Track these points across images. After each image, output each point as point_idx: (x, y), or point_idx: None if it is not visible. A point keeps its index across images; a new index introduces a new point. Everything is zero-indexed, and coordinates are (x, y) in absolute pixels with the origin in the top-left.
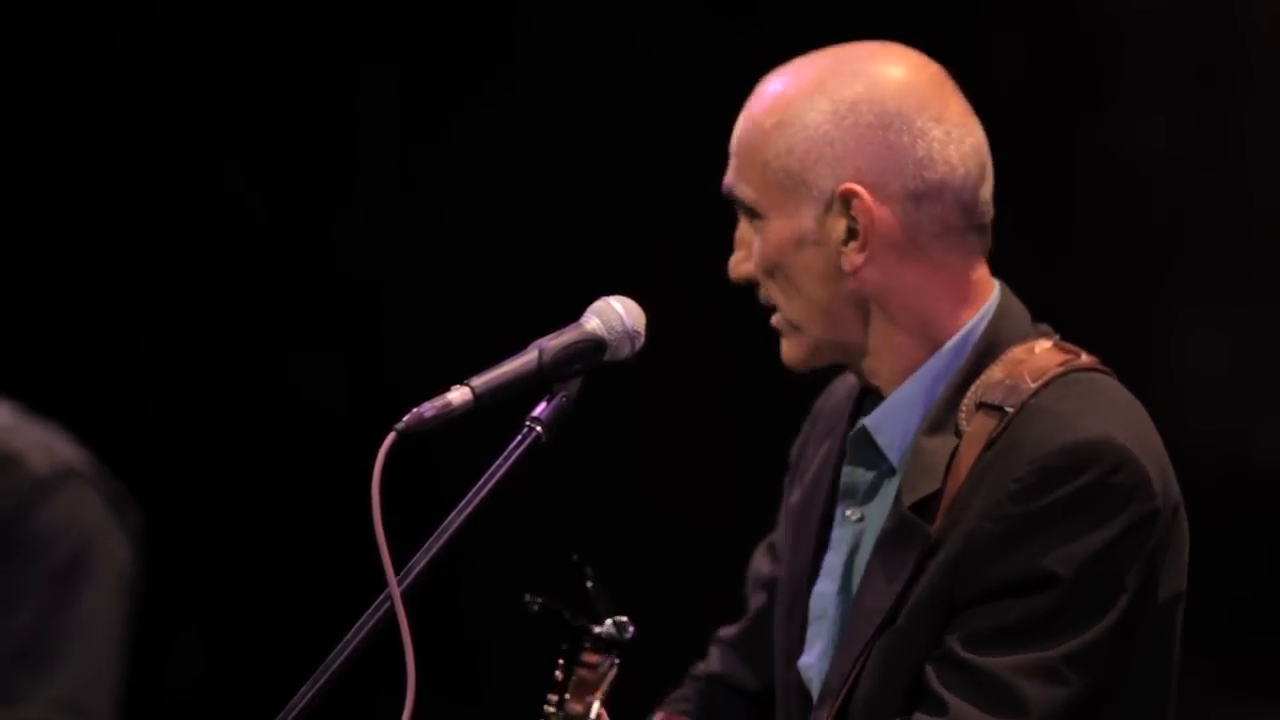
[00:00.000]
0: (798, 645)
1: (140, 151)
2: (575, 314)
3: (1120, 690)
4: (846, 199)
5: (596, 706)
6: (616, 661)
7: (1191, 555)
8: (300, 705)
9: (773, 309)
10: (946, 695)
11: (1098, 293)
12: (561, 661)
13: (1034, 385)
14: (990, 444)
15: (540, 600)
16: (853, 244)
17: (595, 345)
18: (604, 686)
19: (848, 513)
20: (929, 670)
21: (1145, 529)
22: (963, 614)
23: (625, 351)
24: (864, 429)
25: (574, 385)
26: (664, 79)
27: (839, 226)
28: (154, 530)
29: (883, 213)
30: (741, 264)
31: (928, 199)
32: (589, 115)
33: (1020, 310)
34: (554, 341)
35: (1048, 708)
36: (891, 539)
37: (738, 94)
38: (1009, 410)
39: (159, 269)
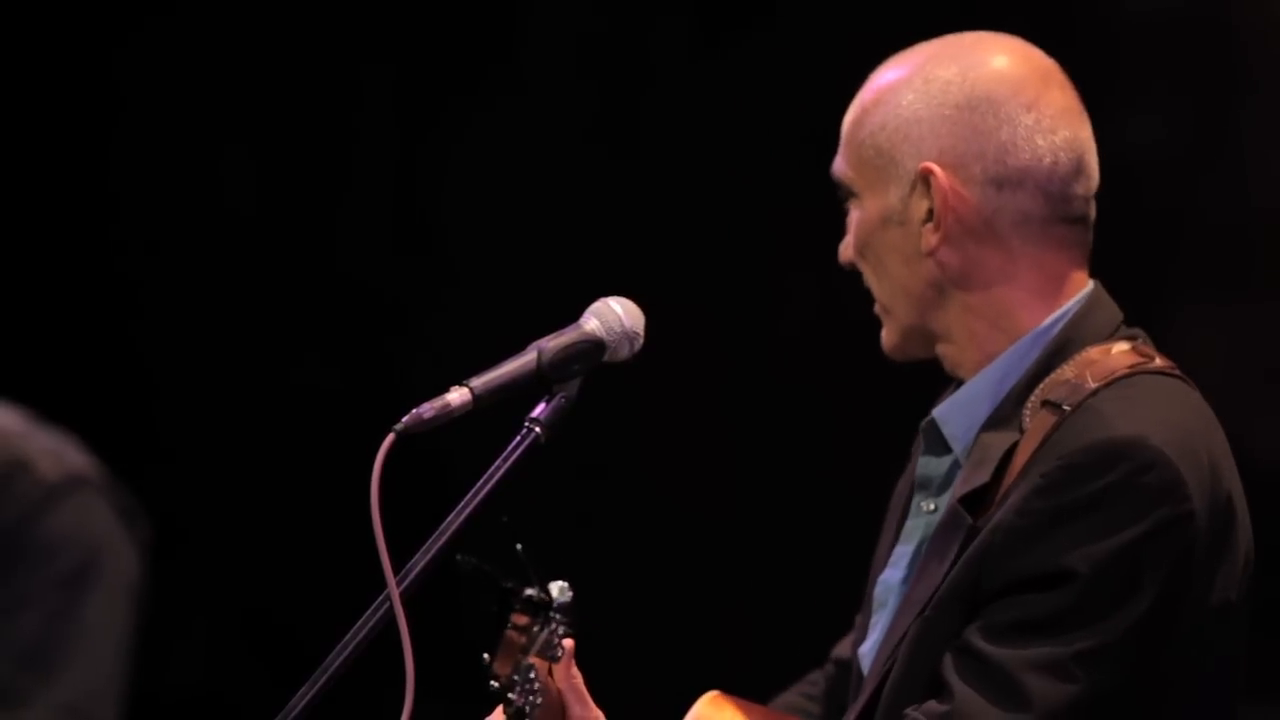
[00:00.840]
0: (863, 633)
1: (141, 154)
2: (574, 315)
3: (1142, 695)
4: (927, 178)
5: (533, 669)
6: (554, 624)
7: None
8: (300, 705)
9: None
10: (955, 683)
11: None
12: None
13: (1095, 385)
14: (1044, 442)
15: (473, 561)
16: (929, 225)
17: (594, 346)
18: (535, 649)
19: (922, 504)
20: (946, 657)
21: (1175, 532)
22: (985, 606)
23: (624, 352)
24: (933, 419)
25: (573, 386)
26: (663, 80)
27: (921, 206)
28: (156, 532)
29: (961, 195)
30: (845, 249)
31: (1009, 185)
32: (589, 115)
33: (1109, 312)
34: (553, 342)
35: (1051, 704)
36: (942, 530)
37: (737, 94)
38: (1067, 409)
39: (161, 271)
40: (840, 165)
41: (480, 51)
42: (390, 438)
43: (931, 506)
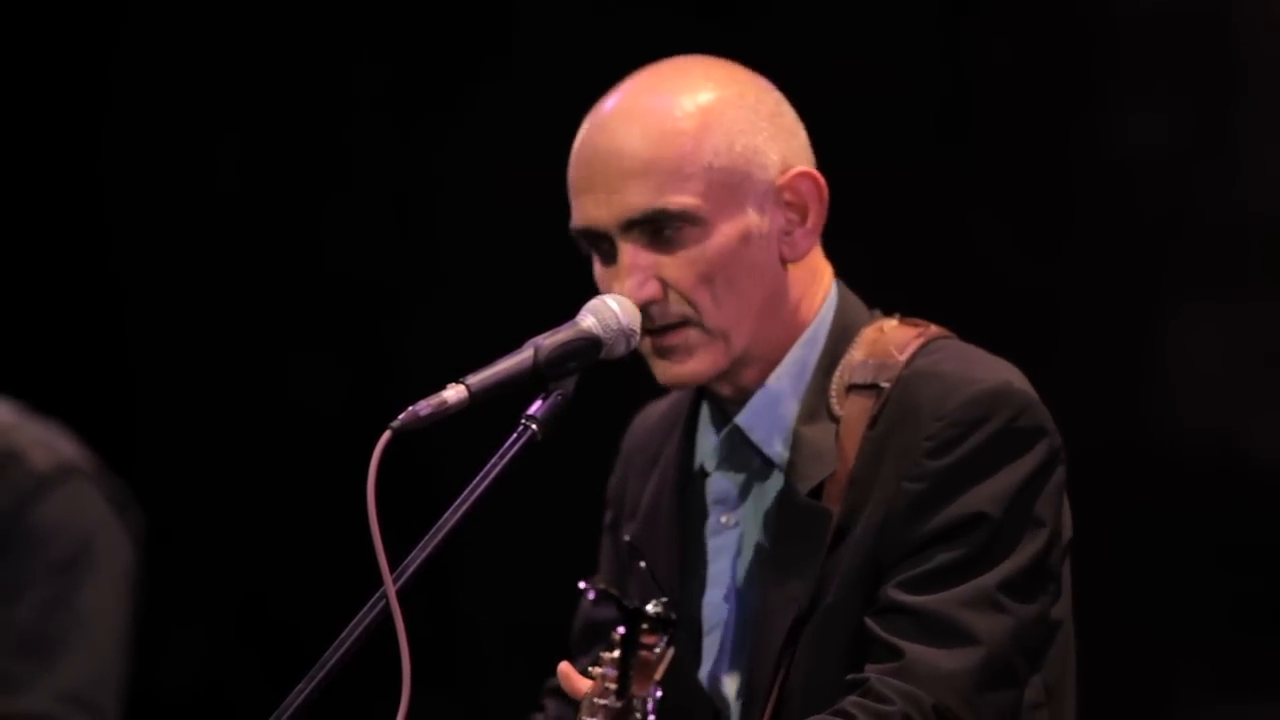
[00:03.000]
0: (693, 662)
1: (134, 150)
2: (570, 312)
3: (1054, 615)
4: (793, 184)
5: (660, 689)
6: (673, 641)
7: (1188, 553)
8: (297, 702)
9: (678, 325)
10: (898, 641)
11: (1094, 290)
12: (619, 647)
13: (902, 358)
14: (874, 421)
15: (596, 586)
16: (799, 230)
17: (591, 343)
18: (662, 666)
19: (723, 519)
20: (872, 624)
21: (1054, 463)
22: (895, 568)
23: (620, 350)
24: (736, 429)
25: (569, 383)
26: None
27: (778, 216)
28: (151, 528)
29: (818, 194)
30: (643, 287)
31: (819, 179)
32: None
33: (855, 295)
34: (549, 340)
35: (996, 634)
36: (792, 531)
37: None
38: (885, 385)
39: (155, 268)
40: (676, 198)
41: (475, 45)
42: (387, 435)
43: (733, 521)
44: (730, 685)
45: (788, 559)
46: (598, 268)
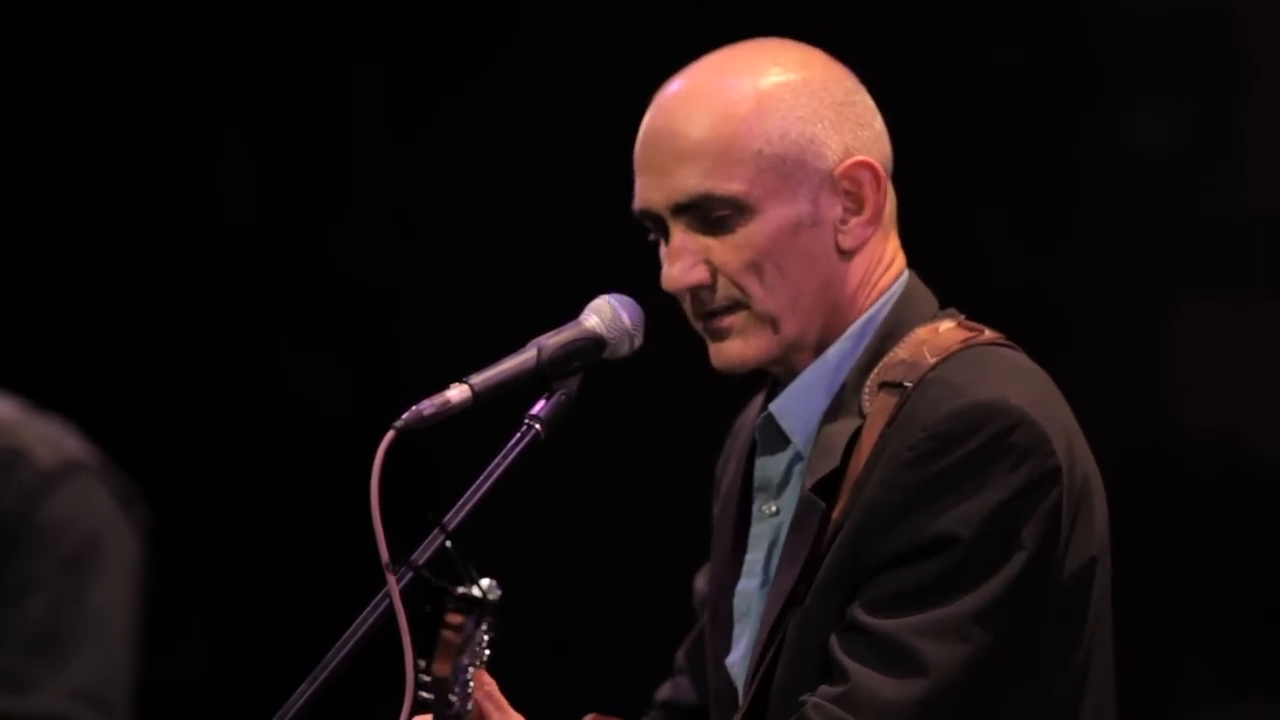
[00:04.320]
0: (724, 646)
1: (136, 153)
2: (574, 312)
3: (1024, 648)
4: (851, 173)
5: (469, 670)
6: (486, 624)
7: (1190, 551)
8: (300, 701)
9: (728, 309)
10: (847, 662)
11: (1097, 289)
12: (431, 626)
13: (933, 360)
14: (890, 421)
15: (406, 564)
16: (855, 220)
17: (594, 343)
18: (471, 648)
19: (764, 507)
20: (833, 641)
21: (1044, 488)
22: (865, 583)
23: (624, 349)
24: (769, 415)
25: (573, 383)
26: (664, 74)
27: (835, 205)
28: (156, 527)
29: (877, 184)
30: (690, 271)
31: (887, 172)
32: (589, 110)
33: (927, 293)
34: (553, 339)
35: (946, 666)
36: (797, 523)
37: None
38: (908, 385)
39: (157, 270)
40: (723, 183)
41: (477, 44)
42: (390, 434)
43: (774, 509)
44: (742, 674)
45: (788, 552)
46: (662, 248)
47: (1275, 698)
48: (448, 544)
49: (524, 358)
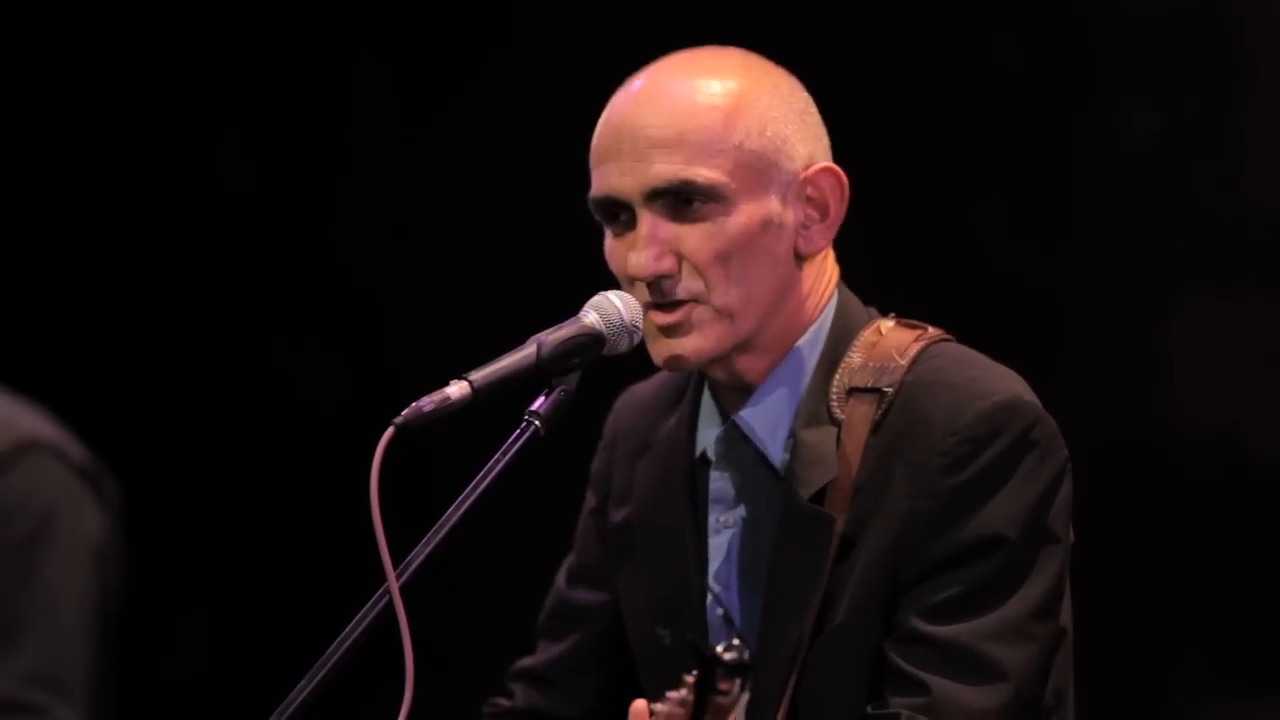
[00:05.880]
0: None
1: (138, 147)
2: (574, 308)
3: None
4: (817, 180)
5: None
6: (747, 685)
7: (1190, 550)
8: (300, 698)
9: (686, 301)
10: (922, 675)
11: (1098, 287)
12: (693, 691)
13: (904, 362)
14: (876, 427)
15: (671, 633)
16: (816, 226)
17: (593, 339)
18: (736, 710)
19: (720, 519)
20: (893, 655)
21: (1063, 478)
22: (913, 591)
23: (623, 346)
24: (735, 425)
25: (572, 379)
26: None
27: (797, 209)
28: (155, 525)
29: (840, 193)
30: (661, 259)
31: (843, 177)
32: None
33: (854, 296)
34: (552, 336)
35: (1022, 669)
36: (794, 539)
37: None
38: (887, 390)
39: (158, 264)
40: (704, 171)
41: (477, 44)
42: (389, 431)
43: (730, 521)
44: None
45: (791, 569)
46: (609, 241)
47: (1274, 694)
48: (719, 611)
49: (523, 354)
